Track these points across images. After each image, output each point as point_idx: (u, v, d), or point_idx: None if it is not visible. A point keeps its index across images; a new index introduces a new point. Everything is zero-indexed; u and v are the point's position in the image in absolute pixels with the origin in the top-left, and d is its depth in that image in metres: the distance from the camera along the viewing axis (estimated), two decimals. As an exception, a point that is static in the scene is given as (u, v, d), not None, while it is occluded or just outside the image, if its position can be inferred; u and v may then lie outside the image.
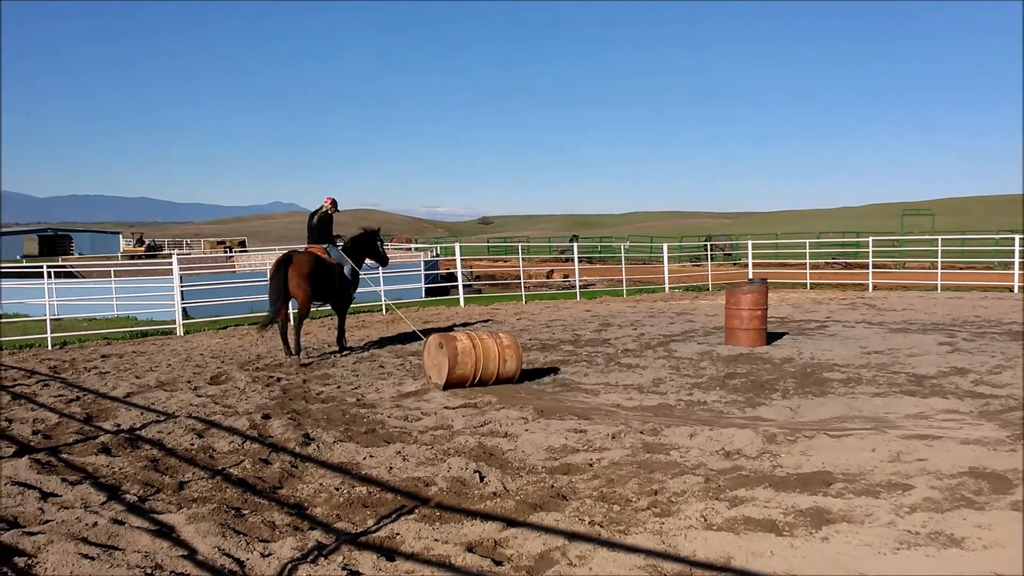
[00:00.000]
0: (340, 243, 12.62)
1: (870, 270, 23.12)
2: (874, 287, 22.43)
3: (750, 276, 23.53)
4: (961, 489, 5.16)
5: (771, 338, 12.43)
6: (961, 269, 26.03)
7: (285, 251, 12.18)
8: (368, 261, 13.14)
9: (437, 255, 32.24)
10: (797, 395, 8.43)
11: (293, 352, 11.53)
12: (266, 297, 14.78)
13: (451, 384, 9.07)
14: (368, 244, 12.92)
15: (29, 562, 4.24)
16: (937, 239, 23.63)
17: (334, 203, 12.49)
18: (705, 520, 4.76)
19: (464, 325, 15.57)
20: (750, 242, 25.82)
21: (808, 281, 24.00)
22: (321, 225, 12.36)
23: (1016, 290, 20.44)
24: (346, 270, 12.35)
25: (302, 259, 11.69)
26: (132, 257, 54.35)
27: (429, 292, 22.27)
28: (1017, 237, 21.87)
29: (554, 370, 10.36)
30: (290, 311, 12.34)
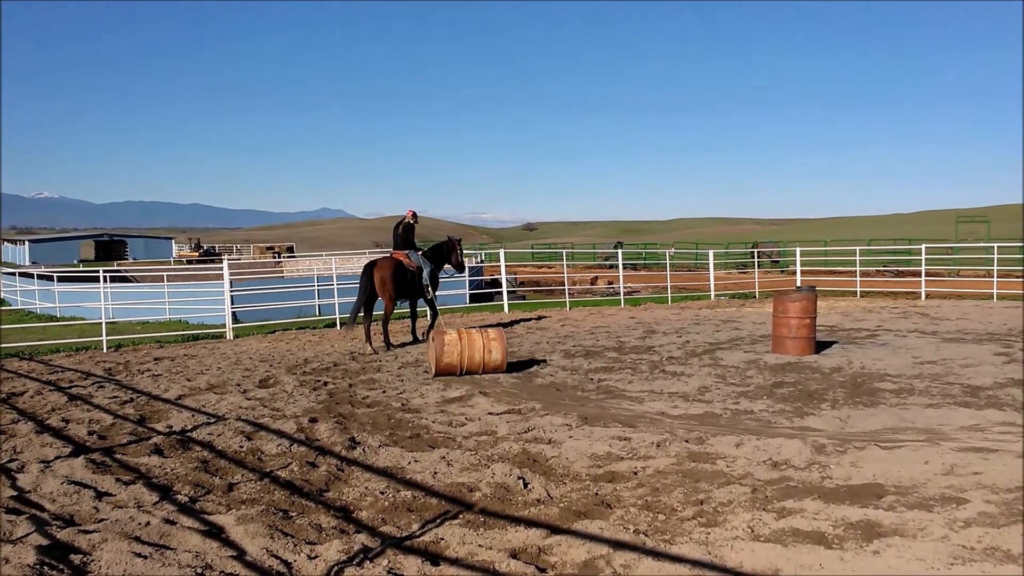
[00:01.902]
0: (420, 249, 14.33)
1: (923, 278, 22.57)
2: (927, 295, 21.91)
3: (798, 283, 23.17)
4: (1018, 504, 5.01)
5: (820, 347, 12.22)
6: (1018, 277, 25.28)
7: (372, 257, 14.38)
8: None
9: (482, 261, 32.34)
10: (847, 405, 8.27)
11: (372, 346, 13.13)
12: (314, 302, 16.39)
13: (441, 372, 10.35)
14: (448, 251, 14.42)
15: (84, 560, 4.36)
16: (993, 247, 22.97)
17: (415, 215, 14.17)
18: (752, 531, 4.69)
19: (503, 326, 15.59)
20: (798, 249, 25.43)
21: (858, 289, 23.54)
22: (404, 234, 13.98)
23: (1077, 299, 19.79)
24: (425, 273, 13.82)
25: (385, 264, 13.46)
26: (189, 261, 56.20)
27: (473, 298, 22.34)
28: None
29: (539, 361, 11.61)
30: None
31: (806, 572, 4.11)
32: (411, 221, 14.04)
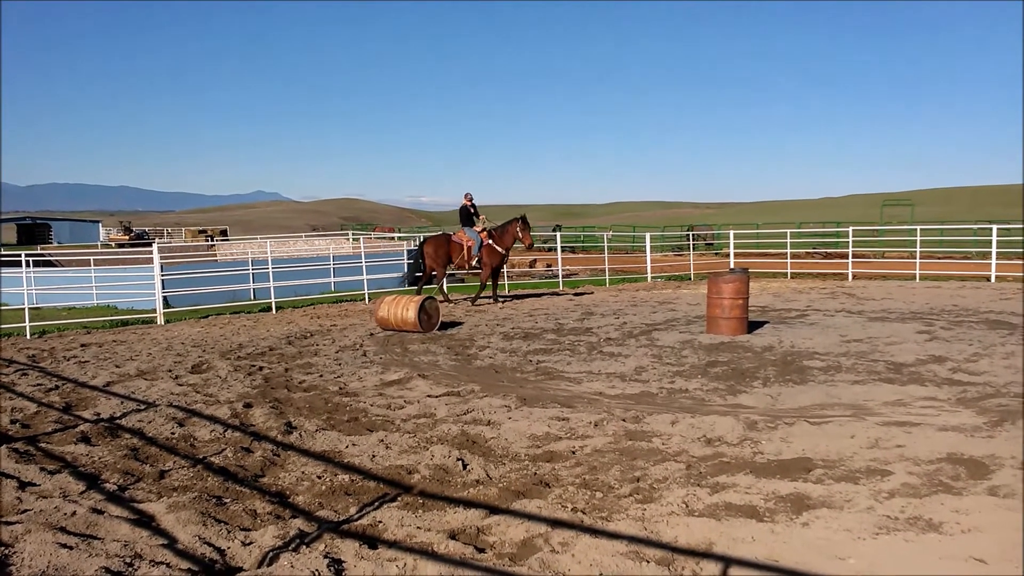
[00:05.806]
0: (479, 226, 16.97)
1: (850, 260, 23.26)
2: (854, 276, 22.58)
3: (731, 266, 23.63)
4: (939, 475, 5.22)
5: (752, 327, 12.50)
6: (940, 259, 26.28)
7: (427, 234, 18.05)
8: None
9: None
10: (777, 383, 8.48)
11: (447, 296, 17.34)
12: (248, 286, 19.84)
13: (379, 323, 13.26)
14: (510, 228, 16.86)
15: (5, 552, 4.20)
16: (916, 229, 23.82)
17: (468, 196, 17.12)
18: (687, 506, 4.79)
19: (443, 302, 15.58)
20: (732, 232, 25.93)
21: (789, 271, 24.12)
22: (463, 214, 17.12)
23: (993, 279, 20.66)
24: (474, 248, 16.63)
25: (432, 239, 17.03)
26: (120, 245, 54.03)
27: (412, 281, 22.15)
28: (995, 227, 22.12)
29: (459, 323, 13.98)
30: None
31: (739, 544, 4.21)
32: (468, 204, 17.03)
